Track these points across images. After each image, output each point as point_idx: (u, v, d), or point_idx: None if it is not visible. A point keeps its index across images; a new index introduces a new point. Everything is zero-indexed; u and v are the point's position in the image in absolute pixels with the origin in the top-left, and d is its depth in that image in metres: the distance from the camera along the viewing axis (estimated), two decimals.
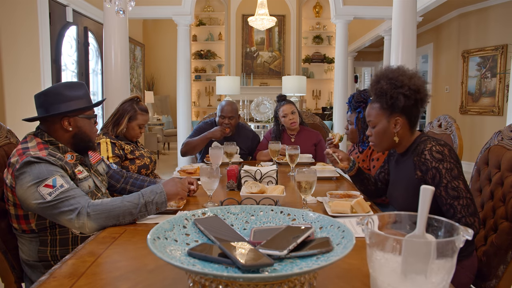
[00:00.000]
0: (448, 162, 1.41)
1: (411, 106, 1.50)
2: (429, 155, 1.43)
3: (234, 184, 1.90)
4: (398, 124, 1.53)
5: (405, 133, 1.55)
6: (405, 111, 1.51)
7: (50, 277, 0.93)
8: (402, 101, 1.48)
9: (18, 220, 1.43)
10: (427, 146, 1.45)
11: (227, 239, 0.88)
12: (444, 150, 1.43)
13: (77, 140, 1.54)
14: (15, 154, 1.40)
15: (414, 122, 1.55)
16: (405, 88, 1.47)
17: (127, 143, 2.33)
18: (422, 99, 1.51)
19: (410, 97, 1.48)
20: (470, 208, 1.36)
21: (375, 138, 1.60)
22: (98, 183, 1.64)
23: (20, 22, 3.90)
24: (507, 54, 5.73)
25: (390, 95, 1.50)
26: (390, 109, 1.52)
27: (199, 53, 9.04)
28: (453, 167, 1.40)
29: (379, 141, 1.59)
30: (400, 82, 1.48)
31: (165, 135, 8.52)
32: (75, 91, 1.52)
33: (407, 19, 4.04)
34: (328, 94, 9.11)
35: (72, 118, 1.51)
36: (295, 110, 2.96)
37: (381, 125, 1.56)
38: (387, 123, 1.54)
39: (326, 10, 8.88)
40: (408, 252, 0.68)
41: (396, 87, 1.48)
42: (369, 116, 1.60)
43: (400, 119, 1.52)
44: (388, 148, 1.63)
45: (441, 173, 1.40)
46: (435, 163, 1.41)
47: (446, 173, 1.39)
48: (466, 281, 1.46)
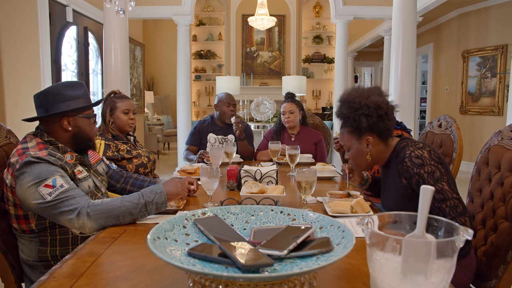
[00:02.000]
0: (429, 165, 1.41)
1: (376, 123, 1.51)
2: (409, 161, 1.44)
3: (234, 184, 1.90)
4: (370, 143, 1.55)
5: (379, 149, 1.57)
6: (372, 129, 1.53)
7: (50, 277, 0.93)
8: (365, 122, 1.50)
9: (18, 220, 1.43)
10: (406, 152, 1.46)
11: (227, 239, 0.88)
12: (424, 153, 1.43)
13: (77, 140, 1.54)
14: (15, 154, 1.40)
15: (386, 135, 1.56)
16: (364, 109, 1.50)
17: (124, 142, 2.34)
18: (386, 113, 1.52)
19: (371, 115, 1.50)
20: (459, 208, 1.36)
21: (352, 161, 1.63)
22: (98, 183, 1.64)
23: (20, 22, 3.90)
24: (507, 54, 5.73)
25: (352, 118, 1.53)
26: (358, 131, 1.55)
27: (199, 53, 9.04)
28: (434, 170, 1.41)
29: (356, 163, 1.62)
30: (358, 104, 1.51)
31: (165, 135, 8.52)
32: (74, 91, 1.52)
33: (407, 19, 4.04)
34: (328, 94, 9.11)
35: (72, 117, 1.51)
36: (294, 110, 2.97)
37: (355, 147, 1.58)
38: (359, 144, 1.57)
39: (326, 10, 8.87)
40: (408, 252, 0.68)
41: (355, 110, 1.51)
42: (342, 141, 1.64)
43: (370, 138, 1.54)
44: (366, 168, 1.65)
45: (423, 178, 1.41)
46: (416, 169, 1.42)
47: (428, 177, 1.40)
48: (466, 280, 1.47)
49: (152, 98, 8.54)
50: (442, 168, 1.42)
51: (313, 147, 3.00)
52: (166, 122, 8.92)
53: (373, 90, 1.54)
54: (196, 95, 9.13)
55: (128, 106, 2.38)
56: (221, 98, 3.09)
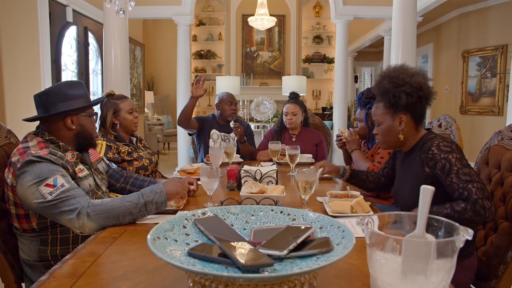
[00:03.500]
0: (457, 153, 1.42)
1: (414, 103, 1.51)
2: (436, 149, 1.44)
3: (234, 184, 1.90)
4: (403, 122, 1.54)
5: (411, 130, 1.56)
6: (409, 109, 1.53)
7: (50, 277, 0.93)
8: (404, 99, 1.50)
9: (19, 219, 1.43)
10: (434, 142, 1.46)
11: (227, 239, 0.88)
12: (452, 145, 1.45)
13: (79, 138, 1.56)
14: (16, 153, 1.40)
15: (419, 119, 1.56)
16: (407, 86, 1.49)
17: (126, 144, 2.33)
18: (426, 96, 1.52)
19: (412, 94, 1.49)
20: (485, 192, 1.34)
21: (381, 137, 1.62)
22: (98, 181, 1.65)
23: (20, 22, 3.90)
24: (507, 54, 5.73)
25: (393, 93, 1.52)
26: (394, 108, 1.54)
27: (199, 53, 9.04)
28: (462, 158, 1.42)
29: (385, 139, 1.61)
30: (402, 80, 1.50)
31: (165, 135, 8.51)
32: (75, 90, 1.54)
33: (407, 19, 4.04)
34: (328, 94, 9.11)
35: (75, 116, 1.53)
36: (297, 112, 2.96)
37: (386, 123, 1.58)
38: (392, 121, 1.56)
39: (326, 10, 8.87)
40: (408, 252, 0.68)
41: (397, 86, 1.51)
42: (375, 115, 1.63)
43: (404, 117, 1.54)
44: (394, 147, 1.65)
45: (451, 162, 1.41)
46: (444, 155, 1.42)
47: (456, 162, 1.40)
48: (466, 281, 1.47)
49: (152, 98, 8.54)
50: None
51: (314, 147, 3.00)
52: (166, 122, 8.92)
53: (418, 71, 1.53)
54: None
55: (131, 105, 2.39)
56: (222, 97, 3.11)
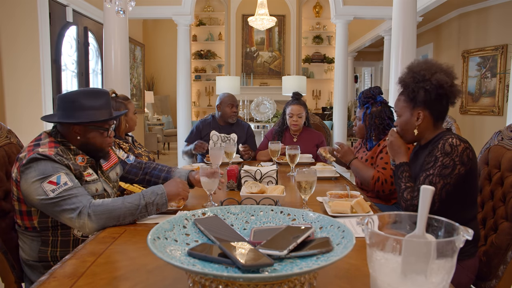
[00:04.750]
0: (451, 159, 1.41)
1: (433, 100, 1.51)
2: (441, 144, 1.44)
3: (234, 184, 1.90)
4: (420, 118, 1.55)
5: (428, 127, 1.56)
6: (428, 105, 1.53)
7: (50, 277, 0.93)
8: (422, 95, 1.51)
9: (21, 216, 1.43)
10: (447, 137, 1.46)
11: (227, 239, 0.88)
12: (460, 146, 1.42)
13: (85, 149, 1.52)
14: (25, 149, 1.41)
15: (439, 117, 1.56)
16: (426, 83, 1.49)
17: (125, 141, 2.34)
18: (447, 95, 1.51)
19: (430, 92, 1.49)
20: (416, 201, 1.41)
21: (400, 129, 1.64)
22: (109, 189, 1.61)
23: (20, 22, 3.90)
24: (507, 54, 5.73)
25: (412, 88, 1.53)
26: (413, 102, 1.56)
27: (199, 53, 9.04)
28: (450, 166, 1.40)
29: (403, 133, 1.63)
30: (422, 76, 1.50)
31: (165, 135, 8.52)
32: (93, 101, 1.49)
33: (407, 19, 4.04)
34: (328, 94, 9.11)
35: (82, 126, 1.49)
36: (303, 114, 2.95)
37: (405, 116, 1.59)
38: (410, 115, 1.57)
39: (326, 10, 8.87)
40: (408, 252, 0.68)
41: (417, 81, 1.51)
42: (396, 107, 1.65)
43: (422, 113, 1.54)
44: (411, 141, 1.65)
45: (435, 163, 1.42)
46: (439, 153, 1.42)
47: (438, 167, 1.41)
48: (467, 281, 1.46)
49: (152, 98, 8.54)
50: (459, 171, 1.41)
51: (315, 148, 2.99)
52: (166, 122, 8.92)
53: (443, 68, 1.52)
54: (196, 95, 9.13)
55: (133, 106, 2.38)
56: (223, 99, 3.11)
